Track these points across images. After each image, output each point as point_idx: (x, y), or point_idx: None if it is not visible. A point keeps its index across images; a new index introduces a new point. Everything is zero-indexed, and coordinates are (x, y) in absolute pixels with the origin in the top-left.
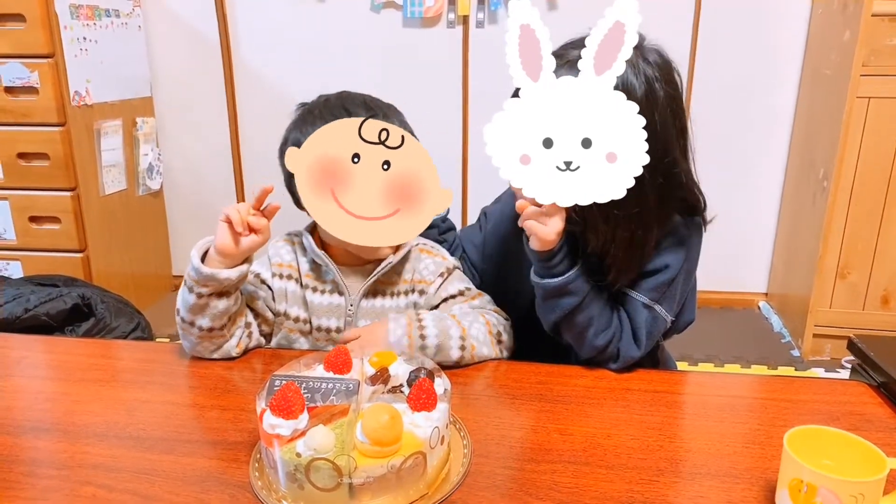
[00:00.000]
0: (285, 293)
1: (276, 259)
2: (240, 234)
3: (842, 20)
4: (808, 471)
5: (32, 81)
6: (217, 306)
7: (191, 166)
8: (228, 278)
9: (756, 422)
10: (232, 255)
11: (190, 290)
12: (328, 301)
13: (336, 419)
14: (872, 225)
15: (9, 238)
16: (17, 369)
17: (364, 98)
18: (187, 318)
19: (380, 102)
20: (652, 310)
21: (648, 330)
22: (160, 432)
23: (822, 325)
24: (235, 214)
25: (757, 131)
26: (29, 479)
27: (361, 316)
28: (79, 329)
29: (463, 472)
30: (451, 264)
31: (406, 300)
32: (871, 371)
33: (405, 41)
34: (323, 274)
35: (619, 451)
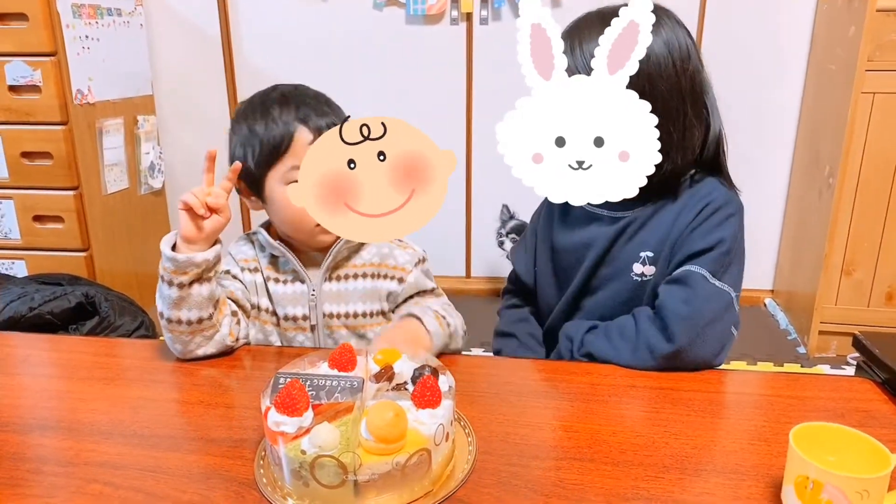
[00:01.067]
0: (255, 285)
1: (240, 255)
2: (202, 216)
3: (847, 15)
4: (815, 467)
5: (35, 80)
6: (200, 293)
7: (192, 164)
8: (206, 259)
9: (762, 418)
10: (198, 241)
11: (169, 284)
12: (291, 290)
13: (340, 416)
14: (877, 222)
15: (13, 238)
16: (23, 367)
17: (283, 97)
18: (172, 315)
19: (294, 95)
20: (712, 284)
21: (718, 299)
22: (165, 430)
23: (827, 321)
24: (192, 199)
25: (762, 127)
26: (35, 477)
27: (324, 300)
28: (83, 327)
29: (468, 469)
30: (421, 254)
31: (371, 282)
32: (876, 368)
33: (408, 38)
34: (282, 265)
35: (624, 448)
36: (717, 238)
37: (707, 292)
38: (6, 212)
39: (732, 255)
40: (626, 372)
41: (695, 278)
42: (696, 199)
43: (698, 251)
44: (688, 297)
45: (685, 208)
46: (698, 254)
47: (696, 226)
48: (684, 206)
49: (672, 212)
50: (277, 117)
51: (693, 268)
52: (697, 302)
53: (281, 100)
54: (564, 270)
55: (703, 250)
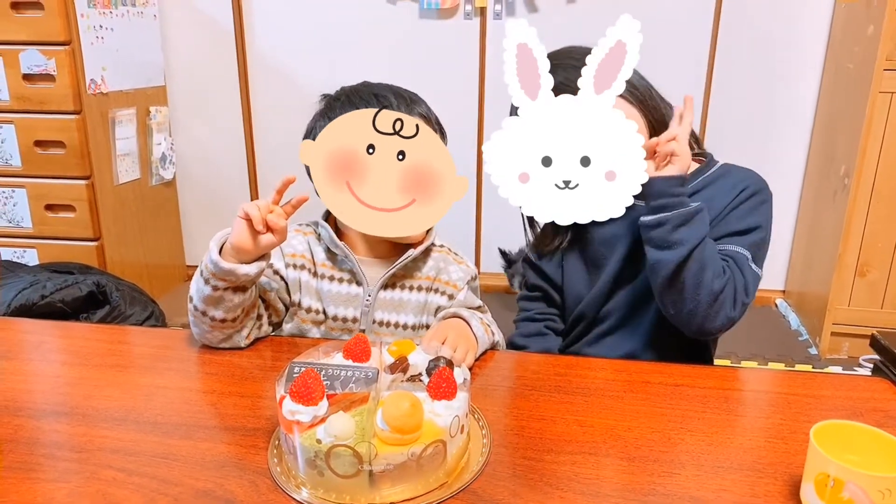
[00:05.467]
0: (299, 284)
1: (289, 249)
2: (258, 232)
3: (865, 14)
4: (836, 465)
5: (49, 69)
6: (232, 300)
7: (204, 156)
8: (247, 274)
9: (779, 416)
10: (248, 253)
11: (206, 282)
12: (346, 291)
13: (355, 407)
14: (893, 222)
15: (25, 226)
16: (37, 353)
17: (391, 86)
18: (200, 307)
19: (406, 91)
20: (751, 266)
21: (753, 283)
22: (178, 418)
23: (840, 323)
24: (255, 212)
25: (778, 125)
26: (49, 462)
27: (378, 307)
28: (93, 316)
29: (482, 462)
30: (473, 272)
31: (425, 296)
32: (893, 368)
33: (421, 32)
34: (339, 263)
35: (640, 444)
36: (756, 222)
37: (750, 276)
38: (18, 200)
39: (767, 241)
40: (640, 367)
41: (740, 260)
42: (730, 183)
43: (739, 231)
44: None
45: (719, 192)
46: (739, 233)
47: (735, 206)
48: (718, 190)
49: (703, 199)
50: None
51: (738, 248)
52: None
53: (372, 92)
54: (596, 261)
55: (743, 231)
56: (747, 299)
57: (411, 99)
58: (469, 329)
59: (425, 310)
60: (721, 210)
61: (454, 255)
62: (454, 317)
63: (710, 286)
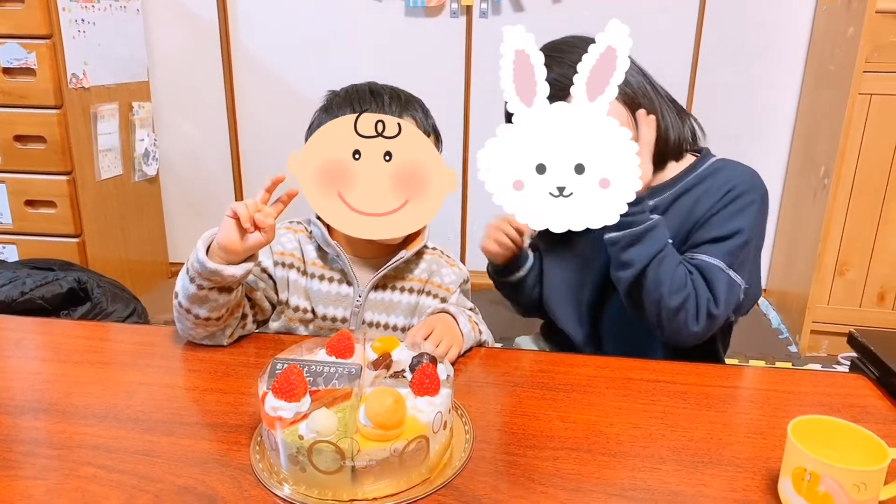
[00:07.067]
0: (287, 282)
1: (278, 248)
2: (246, 230)
3: (846, 16)
4: (813, 459)
5: (30, 62)
6: (217, 300)
7: (187, 152)
8: (233, 276)
9: (758, 412)
10: (235, 252)
11: (191, 281)
12: (336, 290)
13: (338, 403)
14: (871, 222)
15: (5, 222)
16: (16, 350)
17: (392, 88)
18: (185, 304)
19: (405, 93)
20: (727, 274)
21: (726, 294)
22: (160, 415)
23: (819, 321)
24: (243, 210)
25: (759, 126)
26: (28, 459)
27: (368, 308)
28: (74, 313)
29: (465, 458)
30: (466, 275)
31: (416, 298)
32: (870, 365)
33: (407, 30)
34: (330, 262)
35: (621, 439)
36: (738, 226)
37: (722, 287)
38: None
39: (751, 245)
40: (622, 364)
41: (711, 271)
42: (718, 183)
43: (718, 237)
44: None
45: (705, 194)
46: (718, 240)
47: (718, 210)
48: (705, 191)
49: (691, 198)
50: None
51: (710, 259)
52: (720, 296)
53: (371, 93)
54: (579, 270)
55: (723, 237)
56: (717, 310)
57: (407, 101)
58: (456, 324)
59: (416, 311)
60: (704, 213)
61: (447, 257)
62: (442, 312)
63: (666, 303)
